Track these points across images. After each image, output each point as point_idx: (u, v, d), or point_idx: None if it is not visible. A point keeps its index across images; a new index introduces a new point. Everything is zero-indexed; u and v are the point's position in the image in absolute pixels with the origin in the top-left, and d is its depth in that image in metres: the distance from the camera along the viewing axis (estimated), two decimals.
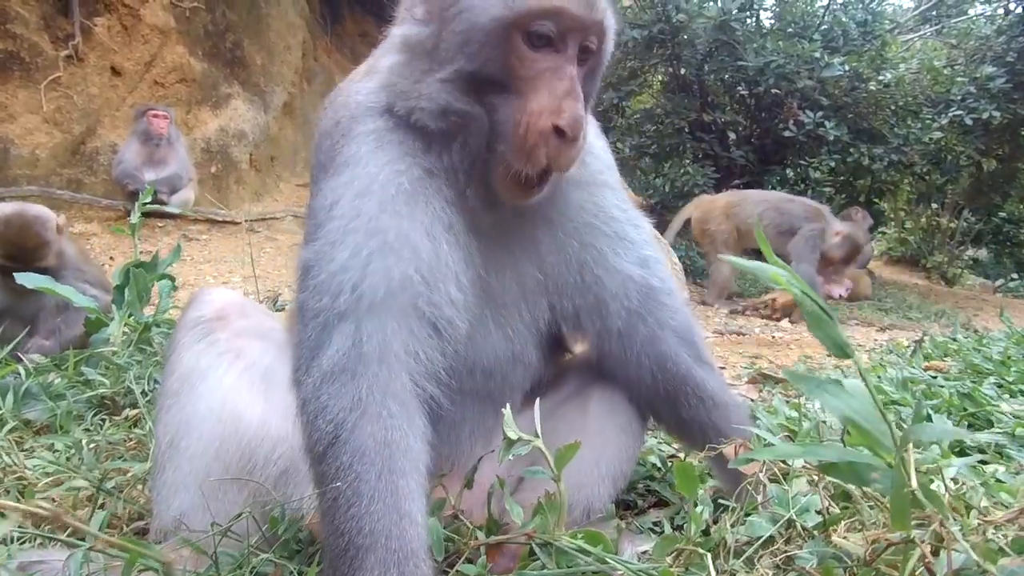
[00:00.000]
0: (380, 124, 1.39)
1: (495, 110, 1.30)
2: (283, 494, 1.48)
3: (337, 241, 1.30)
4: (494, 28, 1.25)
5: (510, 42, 1.26)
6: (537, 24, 1.25)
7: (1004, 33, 9.73)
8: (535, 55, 1.27)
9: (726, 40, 8.95)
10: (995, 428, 2.21)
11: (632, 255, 1.56)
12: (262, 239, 8.27)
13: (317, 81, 11.36)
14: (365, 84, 1.46)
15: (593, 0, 1.29)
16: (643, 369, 1.58)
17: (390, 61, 1.42)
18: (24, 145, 7.66)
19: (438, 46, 1.31)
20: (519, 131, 1.27)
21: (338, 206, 1.33)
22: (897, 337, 5.32)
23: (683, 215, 7.77)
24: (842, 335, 0.85)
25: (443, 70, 1.30)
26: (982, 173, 11.45)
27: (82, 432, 1.99)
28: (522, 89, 1.27)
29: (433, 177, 1.37)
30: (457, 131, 1.33)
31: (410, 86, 1.35)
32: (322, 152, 1.44)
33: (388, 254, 1.30)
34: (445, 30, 1.30)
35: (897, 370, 3.18)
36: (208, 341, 1.62)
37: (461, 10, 1.28)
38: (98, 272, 3.21)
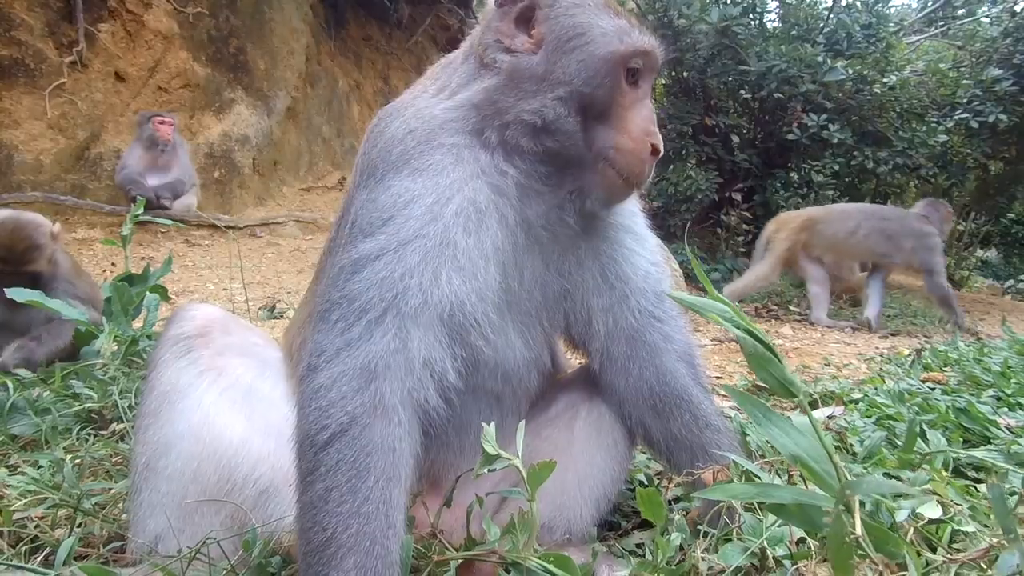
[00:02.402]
0: (459, 140, 1.47)
1: (594, 130, 1.48)
2: (262, 515, 1.47)
3: (409, 242, 1.34)
4: (611, 59, 1.46)
5: (617, 73, 1.48)
6: (636, 61, 1.49)
7: (1010, 35, 9.62)
8: (629, 88, 1.51)
9: (728, 44, 8.91)
10: (991, 445, 2.18)
11: (650, 256, 1.70)
12: (264, 244, 8.29)
13: (320, 85, 11.38)
14: (443, 101, 1.55)
15: (660, 45, 1.58)
16: (642, 380, 1.61)
17: (486, 84, 1.52)
18: (28, 151, 7.70)
19: (552, 71, 1.47)
20: (627, 147, 1.47)
21: (414, 207, 1.37)
22: (899, 345, 5.26)
23: (766, 232, 7.53)
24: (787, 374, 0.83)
25: (557, 91, 1.46)
26: (988, 175, 11.34)
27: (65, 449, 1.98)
28: (620, 115, 1.49)
29: (500, 196, 1.47)
30: (551, 147, 1.48)
31: (512, 104, 1.48)
32: (392, 155, 1.46)
33: (456, 271, 1.37)
34: (563, 58, 1.47)
35: (895, 381, 3.15)
36: (189, 359, 1.61)
37: (583, 42, 1.48)
38: (89, 288, 3.21)
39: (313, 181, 11.00)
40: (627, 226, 1.69)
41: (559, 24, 1.51)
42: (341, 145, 11.72)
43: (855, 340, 5.87)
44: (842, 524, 0.76)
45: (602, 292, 1.62)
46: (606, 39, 1.48)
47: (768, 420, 0.83)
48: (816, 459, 0.80)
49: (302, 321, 1.76)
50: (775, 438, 0.81)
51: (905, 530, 1.11)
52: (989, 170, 11.16)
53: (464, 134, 1.49)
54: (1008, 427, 2.31)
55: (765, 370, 0.82)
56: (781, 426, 0.82)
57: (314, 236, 8.81)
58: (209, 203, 8.82)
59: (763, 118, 10.04)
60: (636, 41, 1.49)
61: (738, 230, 9.18)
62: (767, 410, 0.84)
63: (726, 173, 9.70)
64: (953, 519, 1.54)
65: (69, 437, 2.10)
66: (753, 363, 0.83)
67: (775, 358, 0.82)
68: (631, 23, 1.52)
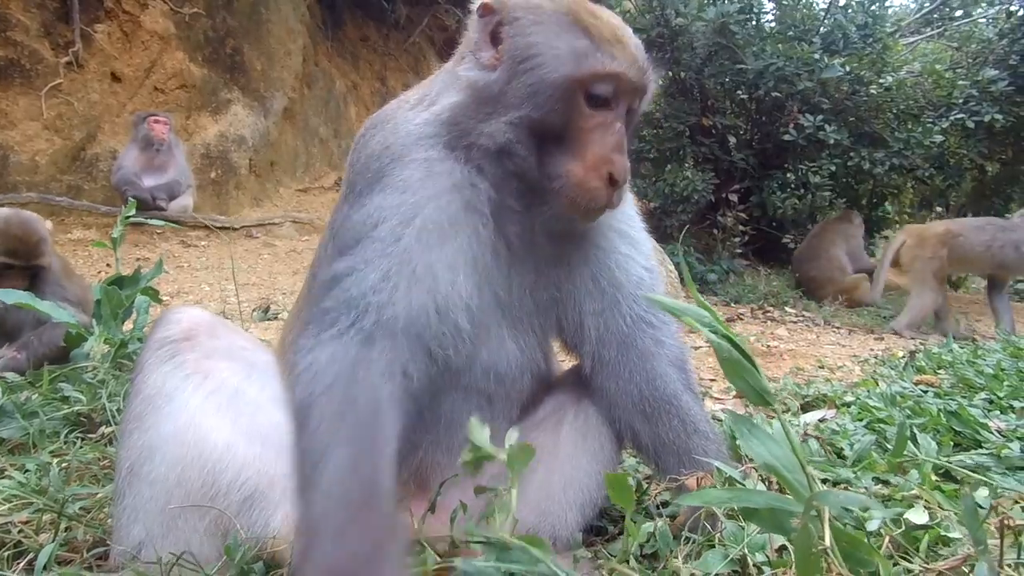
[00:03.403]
0: (432, 154, 1.48)
1: (550, 155, 1.45)
2: (247, 520, 1.46)
3: (371, 261, 1.39)
4: (562, 84, 1.41)
5: (574, 98, 1.42)
6: (598, 86, 1.42)
7: (1006, 36, 9.64)
8: (592, 111, 1.43)
9: (725, 44, 8.90)
10: (982, 449, 2.18)
11: (644, 261, 1.69)
12: (260, 245, 8.28)
13: (317, 86, 11.38)
14: (419, 114, 1.55)
15: (643, 65, 1.48)
16: (633, 384, 1.61)
17: (452, 100, 1.52)
18: (24, 152, 7.69)
19: (506, 92, 1.45)
20: (577, 176, 1.42)
21: (380, 228, 1.41)
22: (894, 347, 5.27)
23: (895, 244, 7.37)
24: (762, 381, 0.82)
25: (509, 114, 1.44)
26: (985, 176, 11.35)
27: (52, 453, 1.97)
28: (578, 140, 1.44)
29: (471, 212, 1.47)
30: (512, 170, 1.47)
31: (473, 125, 1.48)
32: (370, 172, 1.50)
33: (414, 286, 1.39)
34: (515, 80, 1.44)
35: (888, 384, 3.15)
36: (175, 362, 1.60)
37: (535, 65, 1.43)
38: (80, 290, 3.23)
39: (310, 182, 11.00)
40: (622, 230, 1.68)
41: (515, 44, 1.47)
42: (338, 146, 11.71)
43: (850, 342, 5.87)
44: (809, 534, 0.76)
45: (594, 297, 1.63)
46: (558, 62, 1.41)
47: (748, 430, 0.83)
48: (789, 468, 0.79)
49: (294, 321, 1.77)
50: (751, 447, 0.81)
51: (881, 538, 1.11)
52: (986, 171, 11.16)
53: (438, 148, 1.49)
54: (999, 430, 2.31)
55: (740, 377, 0.82)
56: (759, 436, 0.82)
57: (310, 237, 8.81)
58: (205, 204, 8.81)
59: (760, 119, 10.04)
60: (596, 65, 1.41)
61: (734, 231, 9.18)
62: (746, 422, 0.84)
63: (723, 174, 9.69)
64: (940, 525, 1.54)
65: (57, 441, 2.09)
66: (727, 369, 0.83)
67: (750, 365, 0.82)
68: (597, 43, 1.42)
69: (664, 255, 6.15)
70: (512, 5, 1.49)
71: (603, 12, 1.49)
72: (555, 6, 1.47)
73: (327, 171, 11.39)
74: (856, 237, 9.29)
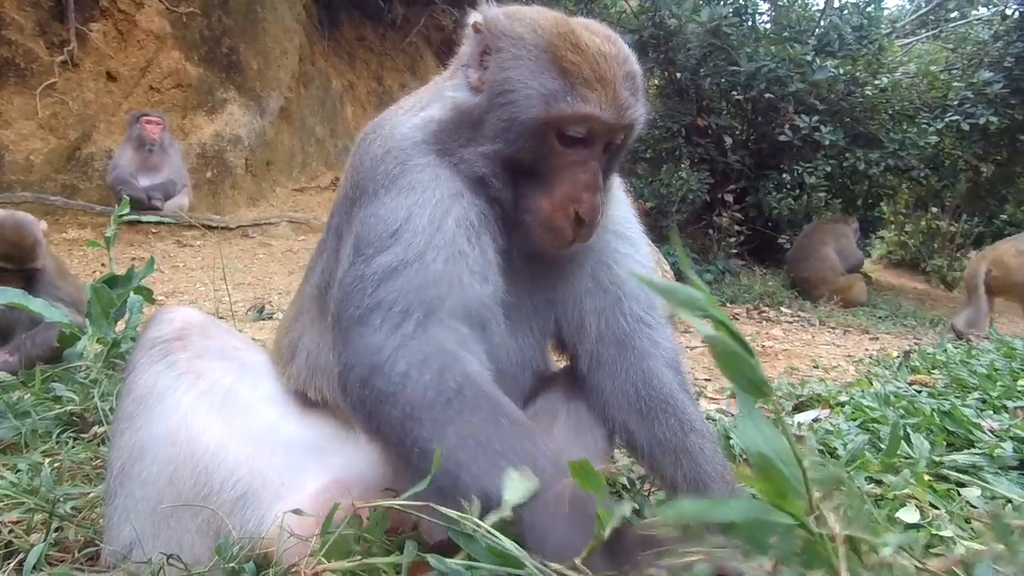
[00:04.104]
0: (432, 160, 1.49)
1: (524, 187, 1.46)
2: (239, 520, 1.46)
3: (425, 252, 1.39)
4: (532, 125, 1.40)
5: (545, 138, 1.41)
6: (570, 128, 1.40)
7: (1001, 38, 9.68)
8: (565, 150, 1.42)
9: (720, 44, 8.92)
10: (974, 448, 2.18)
11: (644, 260, 1.71)
12: (256, 244, 8.26)
13: (314, 86, 11.36)
14: (412, 119, 1.56)
15: (623, 104, 1.43)
16: (629, 383, 1.62)
17: (438, 115, 1.52)
18: (19, 151, 7.66)
19: (483, 121, 1.45)
20: (544, 213, 1.43)
21: (415, 219, 1.41)
22: (888, 347, 5.28)
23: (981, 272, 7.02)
24: (760, 374, 0.81)
25: (484, 145, 1.45)
26: (980, 177, 11.39)
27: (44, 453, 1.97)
28: (550, 177, 1.44)
29: (483, 214, 1.49)
30: (491, 194, 1.48)
31: (455, 148, 1.48)
32: (378, 174, 1.50)
33: (472, 275, 1.43)
34: (492, 111, 1.44)
35: (882, 384, 3.15)
36: (167, 362, 1.60)
37: (507, 101, 1.42)
38: (74, 290, 3.23)
39: (306, 181, 10.98)
40: (620, 232, 1.69)
41: (494, 76, 1.46)
42: (335, 145, 11.69)
43: (845, 342, 5.88)
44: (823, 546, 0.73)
45: (595, 295, 1.64)
46: (529, 103, 1.39)
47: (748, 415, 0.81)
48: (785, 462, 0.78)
49: (291, 320, 1.76)
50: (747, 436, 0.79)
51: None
52: (980, 172, 11.20)
53: (433, 154, 1.50)
54: (992, 430, 2.32)
55: (736, 370, 0.80)
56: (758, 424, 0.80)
57: (306, 237, 8.79)
58: (201, 203, 8.79)
59: (755, 119, 10.06)
60: (566, 108, 1.38)
61: (730, 231, 9.20)
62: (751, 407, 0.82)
63: (718, 174, 9.71)
64: (932, 524, 1.54)
65: (49, 441, 2.09)
66: (722, 362, 0.81)
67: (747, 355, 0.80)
68: (571, 84, 1.38)
69: (660, 255, 6.16)
70: (498, 31, 1.47)
71: (592, 42, 1.42)
72: (537, 39, 1.43)
73: (323, 171, 11.37)
74: (847, 237, 9.31)
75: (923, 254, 13.18)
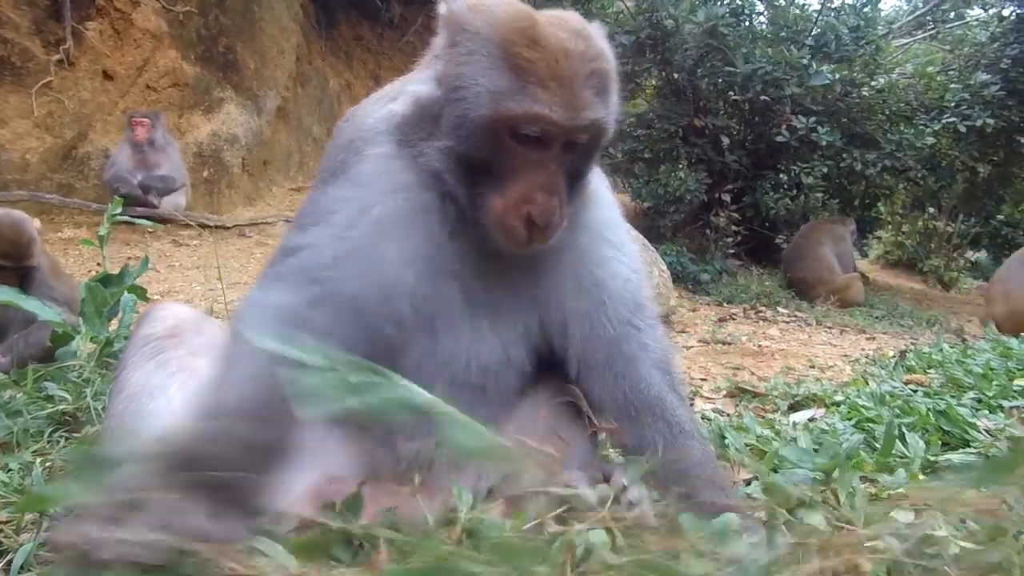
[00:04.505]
0: (386, 150, 1.50)
1: (481, 184, 1.43)
2: None
3: (327, 244, 1.44)
4: (482, 123, 1.37)
5: (498, 136, 1.38)
6: (522, 127, 1.36)
7: (998, 40, 9.70)
8: (520, 148, 1.39)
9: (716, 45, 8.92)
10: (970, 448, 2.18)
11: (630, 265, 1.68)
12: (252, 244, 8.24)
13: (311, 85, 11.34)
14: (379, 110, 1.58)
15: (581, 104, 1.37)
16: (618, 389, 1.61)
17: (402, 108, 1.53)
18: (14, 150, 7.63)
19: (441, 116, 1.44)
20: (497, 212, 1.41)
21: (336, 216, 1.46)
22: (885, 346, 5.28)
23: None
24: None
25: (441, 142, 1.44)
26: (977, 178, 11.40)
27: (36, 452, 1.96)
28: (505, 176, 1.41)
29: (425, 212, 1.48)
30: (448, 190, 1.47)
31: (416, 140, 1.48)
32: (335, 162, 1.57)
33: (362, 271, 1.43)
34: (447, 107, 1.43)
35: (878, 383, 3.16)
36: (159, 360, 1.60)
37: (459, 98, 1.40)
38: (68, 289, 3.23)
39: (303, 181, 10.95)
40: (602, 234, 1.66)
41: (449, 71, 1.43)
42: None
43: (841, 342, 5.89)
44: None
45: (578, 298, 1.61)
46: (479, 101, 1.36)
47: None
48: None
49: None
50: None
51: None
52: (977, 173, 11.22)
53: (391, 144, 1.51)
54: (987, 430, 2.32)
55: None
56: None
57: None
58: (198, 203, 8.77)
59: (753, 119, 10.07)
60: (516, 107, 1.34)
61: (727, 231, 9.19)
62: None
63: (716, 174, 9.71)
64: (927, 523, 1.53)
65: (41, 440, 2.07)
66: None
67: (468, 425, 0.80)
68: (522, 82, 1.33)
69: (657, 255, 6.16)
70: (459, 24, 1.44)
71: (555, 37, 1.37)
72: (492, 33, 1.38)
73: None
74: (845, 238, 9.32)
75: (920, 254, 13.19)
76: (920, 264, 13.18)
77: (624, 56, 9.28)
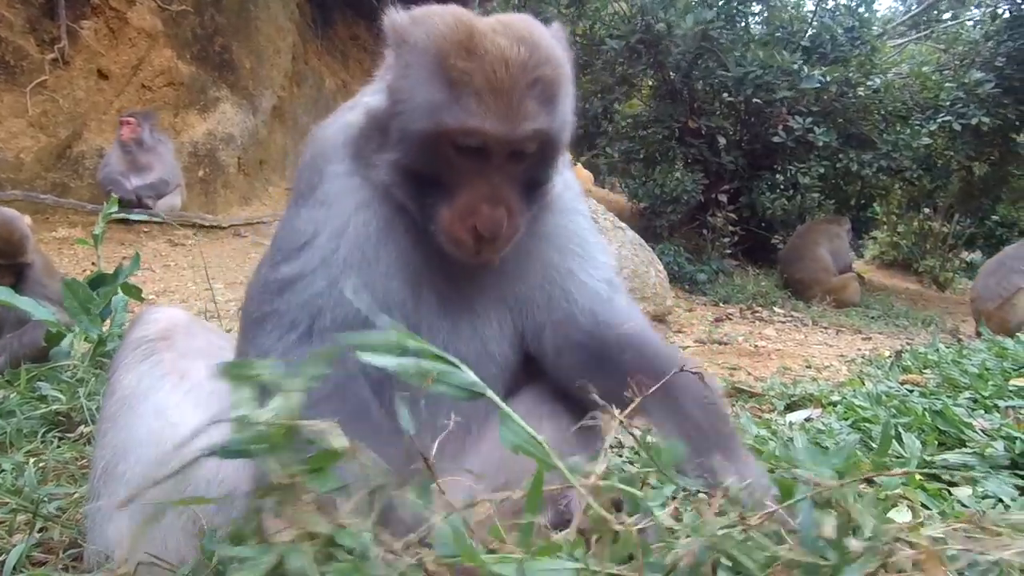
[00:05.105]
0: (346, 167, 1.49)
1: (430, 196, 1.41)
2: (225, 518, 1.44)
3: (316, 270, 1.43)
4: (421, 137, 1.35)
5: (439, 149, 1.35)
6: (461, 139, 1.33)
7: (992, 38, 9.73)
8: (464, 160, 1.36)
9: (709, 48, 8.93)
10: (965, 448, 2.18)
11: (600, 275, 1.63)
12: (248, 244, 8.22)
13: (307, 85, 11.33)
14: (337, 122, 1.57)
15: (521, 115, 1.32)
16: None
17: (356, 119, 1.51)
18: (8, 149, 7.60)
19: (388, 129, 1.41)
20: (445, 224, 1.39)
21: (318, 238, 1.45)
22: (881, 346, 5.29)
23: None
24: None
25: (389, 154, 1.42)
26: (973, 177, 11.44)
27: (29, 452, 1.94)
28: (452, 187, 1.38)
29: (392, 225, 1.48)
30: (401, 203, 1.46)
31: (367, 153, 1.46)
32: (303, 182, 1.55)
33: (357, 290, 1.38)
34: (391, 120, 1.40)
35: (874, 383, 3.15)
36: (151, 362, 1.59)
37: (399, 112, 1.38)
38: (61, 288, 3.20)
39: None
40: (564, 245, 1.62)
41: (392, 85, 1.41)
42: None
43: (837, 342, 5.90)
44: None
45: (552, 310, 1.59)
46: (416, 114, 1.34)
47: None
48: None
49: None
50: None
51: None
52: (973, 172, 11.26)
53: (347, 161, 1.50)
54: (983, 430, 2.32)
55: None
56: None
57: None
58: (193, 203, 8.74)
59: (748, 120, 10.09)
60: (450, 120, 1.30)
61: (724, 231, 9.21)
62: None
63: (712, 175, 9.73)
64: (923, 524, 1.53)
65: (34, 440, 2.06)
66: None
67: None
68: (457, 95, 1.30)
69: (654, 255, 6.16)
70: (400, 37, 1.41)
71: (494, 46, 1.31)
72: (428, 45, 1.35)
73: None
74: (841, 238, 9.35)
75: (915, 254, 13.25)
76: (915, 264, 13.24)
77: (618, 59, 9.29)
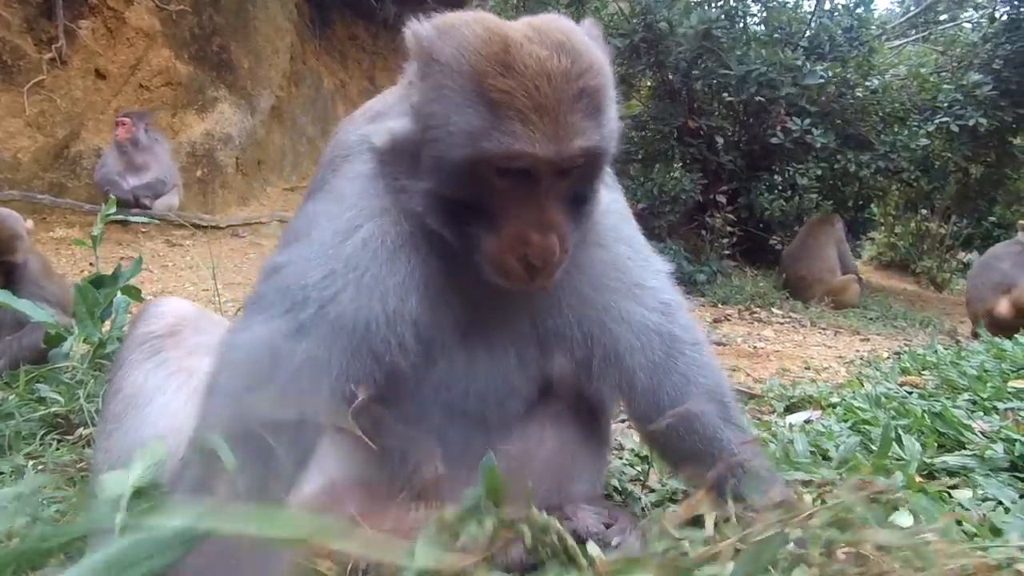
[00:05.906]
0: (368, 169, 1.44)
1: (471, 224, 1.31)
2: None
3: (312, 260, 1.36)
4: (462, 164, 1.25)
5: (482, 176, 1.25)
6: (506, 163, 1.23)
7: (990, 40, 9.75)
8: (509, 185, 1.26)
9: (710, 47, 8.95)
10: (965, 450, 2.18)
11: (649, 301, 1.53)
12: (246, 244, 8.22)
13: (305, 84, 11.31)
14: (360, 130, 1.52)
15: (570, 133, 1.23)
16: (671, 428, 1.51)
17: (380, 142, 1.43)
18: (6, 149, 7.59)
19: (419, 155, 1.32)
20: (492, 254, 1.30)
21: (320, 231, 1.40)
22: (879, 348, 5.30)
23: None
24: None
25: (421, 183, 1.33)
26: (970, 179, 11.47)
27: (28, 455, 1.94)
28: (497, 213, 1.29)
29: (414, 237, 1.40)
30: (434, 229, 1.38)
31: (394, 177, 1.40)
32: (319, 177, 1.56)
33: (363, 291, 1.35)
34: (424, 148, 1.31)
35: (873, 385, 3.15)
36: (157, 360, 1.56)
37: (434, 139, 1.28)
38: (59, 290, 3.21)
39: (298, 181, 10.92)
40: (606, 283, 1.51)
41: (423, 109, 1.30)
42: (326, 145, 11.64)
43: (836, 343, 5.90)
44: None
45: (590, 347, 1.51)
46: (454, 141, 1.23)
47: None
48: None
49: None
50: None
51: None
52: (970, 173, 11.28)
53: (373, 163, 1.45)
54: (982, 432, 2.32)
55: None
56: None
57: None
58: (191, 203, 8.73)
59: (747, 120, 10.10)
60: (494, 147, 1.20)
61: (723, 232, 9.21)
62: None
63: (711, 175, 9.74)
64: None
65: (33, 442, 2.05)
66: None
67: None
68: (499, 118, 1.19)
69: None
70: (427, 54, 1.30)
71: (532, 59, 1.21)
72: (461, 64, 1.24)
73: (315, 170, 11.29)
74: (842, 239, 9.35)
75: (913, 255, 13.26)
76: (913, 265, 13.26)
77: (618, 58, 9.29)
